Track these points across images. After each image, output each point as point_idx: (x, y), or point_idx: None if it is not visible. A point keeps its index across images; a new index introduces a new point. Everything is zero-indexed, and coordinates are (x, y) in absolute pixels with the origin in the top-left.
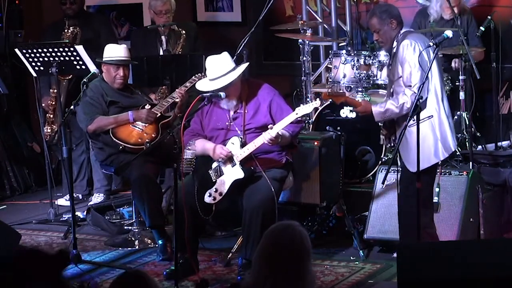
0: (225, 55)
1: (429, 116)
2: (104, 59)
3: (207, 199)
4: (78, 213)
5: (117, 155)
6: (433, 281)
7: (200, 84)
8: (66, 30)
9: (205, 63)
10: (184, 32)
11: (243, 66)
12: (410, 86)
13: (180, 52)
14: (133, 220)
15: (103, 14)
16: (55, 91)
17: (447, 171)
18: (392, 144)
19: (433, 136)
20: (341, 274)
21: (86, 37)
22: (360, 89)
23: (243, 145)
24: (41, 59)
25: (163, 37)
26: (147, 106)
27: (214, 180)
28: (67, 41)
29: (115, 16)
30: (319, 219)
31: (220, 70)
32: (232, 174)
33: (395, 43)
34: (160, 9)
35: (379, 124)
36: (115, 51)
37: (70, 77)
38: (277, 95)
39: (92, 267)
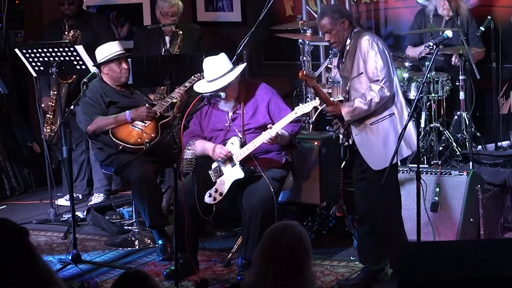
0: (223, 56)
1: (390, 114)
2: (103, 59)
3: (207, 199)
4: (78, 213)
5: (117, 155)
6: (433, 281)
7: (198, 85)
8: (66, 33)
9: (203, 65)
10: (181, 32)
11: (241, 66)
12: (378, 80)
13: (178, 53)
14: (133, 220)
15: (102, 14)
16: (55, 92)
17: (447, 171)
18: (350, 143)
19: (394, 133)
20: (341, 274)
21: (86, 39)
22: None
23: (242, 145)
24: (41, 59)
25: (167, 38)
26: (147, 106)
27: (214, 181)
28: (67, 41)
29: (115, 16)
30: (319, 219)
31: (217, 71)
32: (232, 174)
33: (348, 41)
34: (167, 10)
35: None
36: (111, 49)
37: (70, 80)
38: (275, 95)
39: (92, 267)
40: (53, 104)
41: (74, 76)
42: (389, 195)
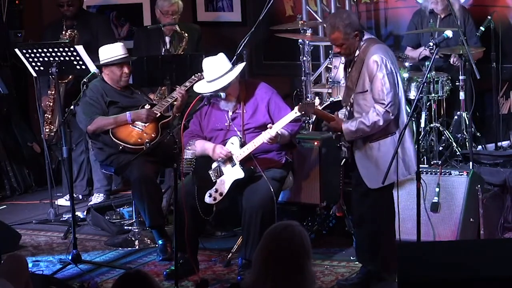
0: (222, 56)
1: (392, 133)
2: (105, 61)
3: (208, 199)
4: (78, 213)
5: (117, 155)
6: (433, 281)
7: (198, 86)
8: (64, 33)
9: (202, 65)
10: (187, 35)
11: (240, 66)
12: (383, 104)
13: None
14: (133, 220)
15: (102, 14)
16: (53, 92)
17: (447, 171)
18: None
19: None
20: (341, 274)
21: (84, 38)
22: None
23: (242, 145)
24: (41, 59)
25: (167, 38)
26: (147, 106)
27: (214, 180)
28: (67, 41)
29: (115, 16)
30: (319, 219)
31: (217, 71)
32: (232, 174)
33: (357, 52)
34: (167, 9)
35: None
36: (114, 51)
37: (66, 80)
38: (275, 94)
39: (92, 267)
40: (51, 104)
41: (70, 76)
42: (379, 209)
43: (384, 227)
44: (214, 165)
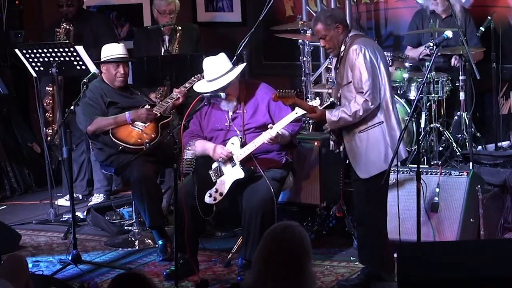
0: (222, 56)
1: (379, 122)
2: (103, 59)
3: (208, 199)
4: (78, 213)
5: (117, 156)
6: (433, 281)
7: (198, 86)
8: (60, 26)
9: (203, 65)
10: (180, 28)
11: (241, 66)
12: (362, 92)
13: (177, 48)
14: (133, 221)
15: (103, 14)
16: (51, 89)
17: (447, 171)
18: (340, 150)
19: (383, 142)
20: (341, 274)
21: (83, 37)
22: None
23: (243, 145)
24: (41, 59)
25: (165, 37)
26: (147, 106)
27: (214, 181)
28: (67, 41)
29: (115, 16)
30: (319, 219)
31: (217, 71)
32: (232, 174)
33: (343, 47)
34: (164, 9)
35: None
36: (113, 50)
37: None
38: None
39: (92, 267)
40: (51, 102)
41: None
42: (374, 202)
43: (379, 225)
44: (214, 165)
